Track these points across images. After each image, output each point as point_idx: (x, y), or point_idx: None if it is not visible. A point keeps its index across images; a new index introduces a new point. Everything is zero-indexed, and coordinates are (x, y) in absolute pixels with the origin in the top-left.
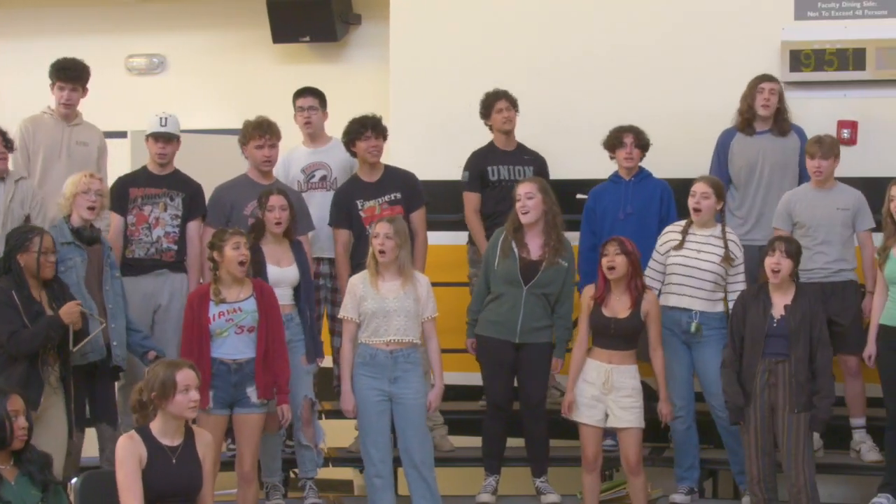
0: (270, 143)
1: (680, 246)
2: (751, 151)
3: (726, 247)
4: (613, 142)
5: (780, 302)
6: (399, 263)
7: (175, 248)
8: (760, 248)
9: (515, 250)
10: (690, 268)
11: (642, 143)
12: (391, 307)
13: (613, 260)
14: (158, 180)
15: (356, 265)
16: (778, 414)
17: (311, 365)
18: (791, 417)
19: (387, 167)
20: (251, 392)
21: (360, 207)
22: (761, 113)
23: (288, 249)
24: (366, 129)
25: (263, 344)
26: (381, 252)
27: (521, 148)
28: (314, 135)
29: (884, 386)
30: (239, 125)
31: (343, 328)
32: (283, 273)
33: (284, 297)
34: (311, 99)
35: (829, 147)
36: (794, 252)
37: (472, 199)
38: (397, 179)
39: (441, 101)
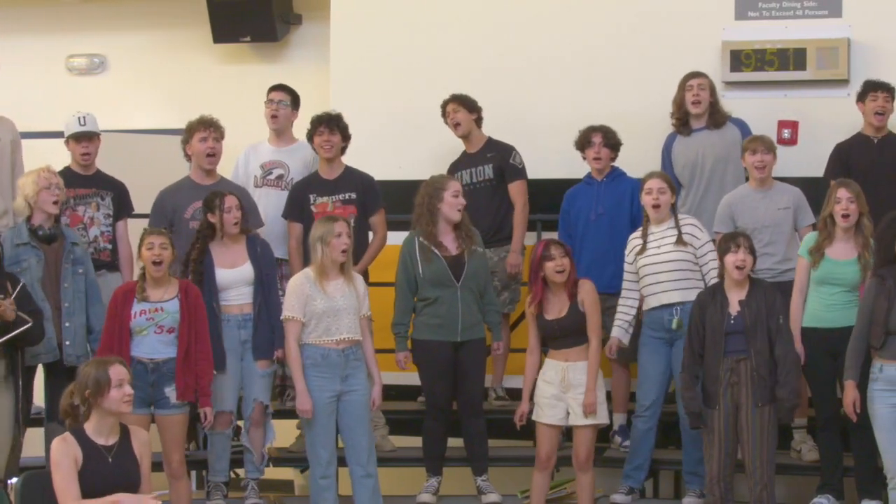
0: (214, 137)
1: (643, 249)
2: (690, 150)
3: (679, 230)
4: (583, 141)
5: (735, 299)
6: (345, 263)
7: (110, 247)
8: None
9: (437, 251)
10: (658, 264)
11: (611, 143)
12: (340, 306)
13: (562, 263)
14: (86, 180)
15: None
16: (742, 411)
17: (269, 369)
18: (755, 412)
19: (347, 167)
20: (170, 392)
21: (312, 202)
22: (692, 110)
23: (242, 248)
24: (320, 125)
25: (185, 345)
26: (345, 251)
27: (486, 146)
28: (280, 132)
29: (813, 387)
30: (180, 125)
31: (288, 328)
32: (236, 274)
33: (242, 296)
34: (282, 94)
35: (770, 143)
36: (753, 248)
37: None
38: (355, 180)
39: (381, 101)
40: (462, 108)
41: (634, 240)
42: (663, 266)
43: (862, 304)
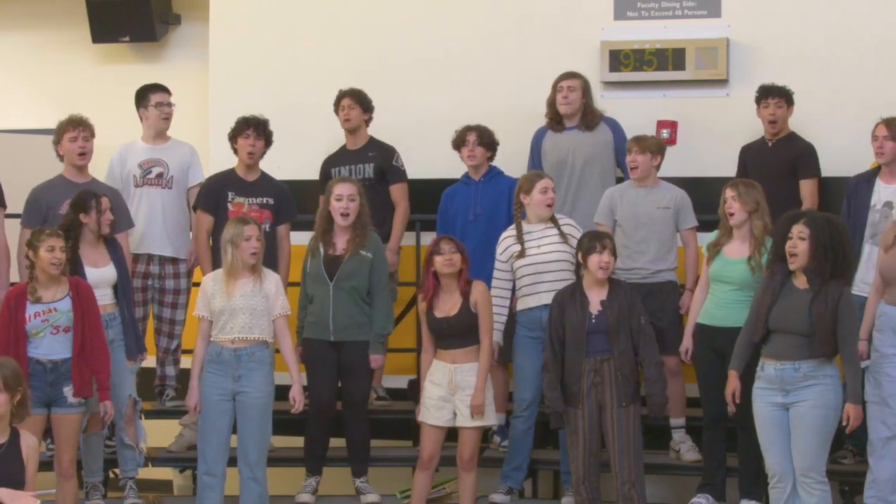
0: (84, 136)
1: (522, 253)
2: (561, 148)
3: (559, 228)
4: (458, 141)
5: (596, 299)
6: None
7: None
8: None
9: (322, 249)
10: (539, 264)
11: (486, 142)
12: (237, 305)
13: (451, 258)
14: None
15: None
16: (606, 411)
17: (135, 365)
18: (620, 412)
19: (263, 172)
20: (67, 391)
21: (230, 199)
22: (562, 111)
23: (104, 249)
24: (248, 127)
25: (79, 343)
26: (255, 254)
27: (368, 145)
28: (165, 131)
29: (700, 385)
30: None
31: (199, 327)
32: (100, 273)
33: (105, 296)
34: (168, 95)
35: (646, 143)
36: (615, 250)
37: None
38: (273, 186)
39: (260, 101)
40: (358, 107)
41: (508, 240)
42: (545, 266)
43: (753, 299)
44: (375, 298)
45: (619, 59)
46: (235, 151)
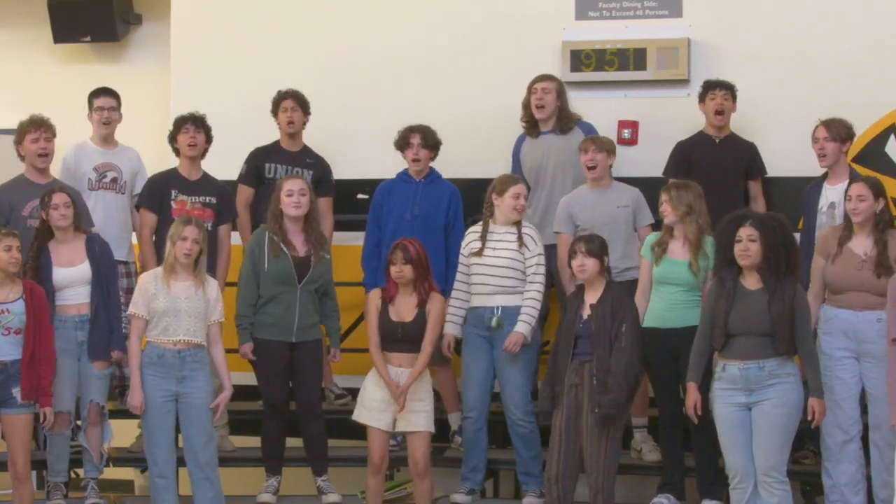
0: (45, 137)
1: (481, 252)
2: (537, 153)
3: (520, 237)
4: (402, 142)
5: (590, 302)
6: (196, 265)
7: None
8: (552, 246)
9: (285, 249)
10: (490, 266)
11: (430, 143)
12: (182, 307)
13: (401, 270)
14: None
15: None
16: (583, 414)
17: (106, 370)
18: (593, 417)
19: (205, 172)
20: (16, 393)
21: (173, 197)
22: (536, 114)
23: (80, 247)
24: (185, 123)
25: (31, 346)
26: (187, 255)
27: (305, 151)
28: (109, 136)
29: (655, 387)
30: None
31: (132, 325)
32: (73, 273)
33: (79, 296)
34: (111, 99)
35: (602, 143)
36: (596, 250)
37: (243, 192)
38: (216, 186)
39: (222, 101)
40: (300, 109)
41: (472, 235)
42: (496, 270)
43: (704, 306)
44: (332, 296)
45: (581, 59)
46: (176, 152)
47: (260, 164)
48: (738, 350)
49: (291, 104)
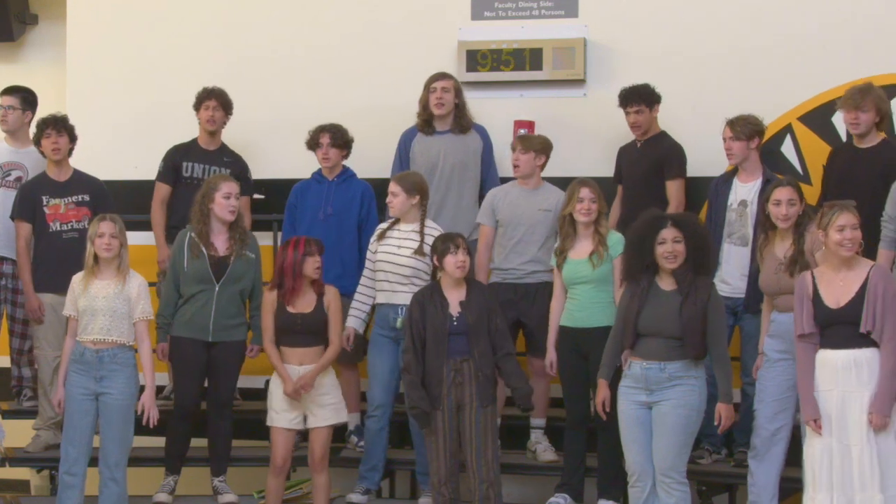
0: None
1: (381, 236)
2: (431, 151)
3: (422, 240)
4: (312, 142)
5: (455, 300)
6: (118, 263)
7: None
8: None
9: (204, 249)
10: (392, 264)
11: (339, 142)
12: (98, 306)
13: (318, 261)
14: None
15: (38, 259)
16: (465, 411)
17: None
18: (480, 412)
19: (75, 170)
20: None
21: (45, 203)
22: (436, 112)
23: None
24: (46, 127)
25: None
26: (108, 250)
27: (223, 149)
28: (13, 133)
29: (564, 387)
30: None
31: (68, 324)
32: None
33: None
34: (9, 98)
35: (530, 143)
36: (470, 249)
37: (159, 190)
38: (86, 183)
39: (118, 101)
40: (221, 109)
41: (380, 229)
42: (398, 268)
43: (619, 306)
44: (255, 294)
45: (477, 59)
46: (43, 154)
47: (177, 162)
48: (645, 349)
49: (214, 103)
